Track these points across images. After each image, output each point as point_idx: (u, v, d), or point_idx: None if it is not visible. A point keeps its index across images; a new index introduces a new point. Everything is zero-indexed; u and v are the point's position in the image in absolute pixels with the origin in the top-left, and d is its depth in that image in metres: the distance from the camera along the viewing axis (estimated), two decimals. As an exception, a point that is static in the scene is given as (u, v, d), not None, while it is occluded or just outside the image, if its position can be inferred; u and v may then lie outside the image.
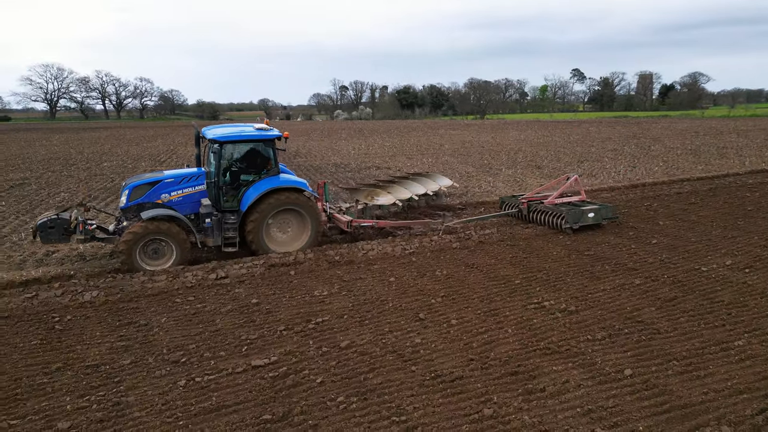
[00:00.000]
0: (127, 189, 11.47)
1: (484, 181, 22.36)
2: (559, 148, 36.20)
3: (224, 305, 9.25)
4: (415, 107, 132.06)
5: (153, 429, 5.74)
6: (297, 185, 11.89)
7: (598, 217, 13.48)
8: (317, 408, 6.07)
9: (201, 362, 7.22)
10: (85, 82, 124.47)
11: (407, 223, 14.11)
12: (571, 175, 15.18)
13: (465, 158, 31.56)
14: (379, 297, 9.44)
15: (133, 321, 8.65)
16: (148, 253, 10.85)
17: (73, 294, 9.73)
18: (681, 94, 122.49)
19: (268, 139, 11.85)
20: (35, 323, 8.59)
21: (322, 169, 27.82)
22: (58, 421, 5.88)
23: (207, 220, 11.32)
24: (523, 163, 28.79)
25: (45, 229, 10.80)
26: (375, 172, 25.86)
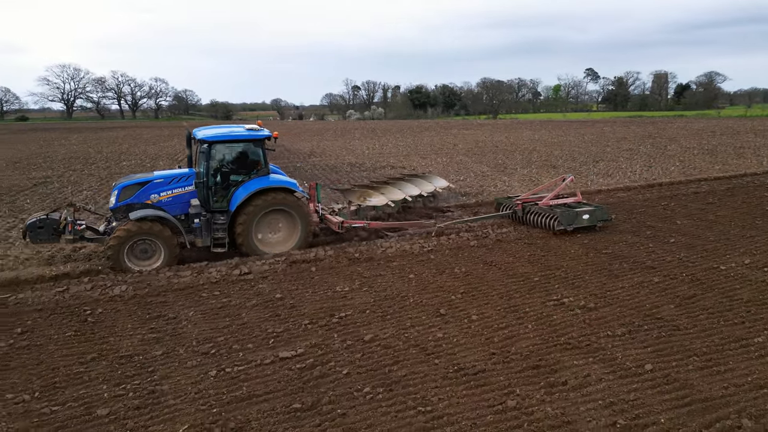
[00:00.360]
0: (117, 189, 11.48)
1: (499, 181, 22.44)
2: (573, 148, 36.10)
3: (249, 300, 9.49)
4: (427, 107, 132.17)
5: (188, 416, 5.97)
6: (287, 185, 11.88)
7: (593, 219, 13.28)
8: (345, 398, 6.27)
9: (230, 354, 7.46)
10: (101, 83, 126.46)
11: (400, 224, 13.96)
12: (567, 176, 15.00)
13: (479, 158, 31.63)
14: (399, 293, 9.62)
15: (162, 314, 8.93)
16: (137, 254, 10.89)
17: (103, 288, 10.05)
18: (696, 94, 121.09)
19: (257, 140, 11.87)
20: (68, 315, 8.91)
21: (338, 168, 28.06)
22: (96, 408, 6.14)
23: (196, 220, 11.36)
24: (537, 162, 28.78)
25: (34, 229, 10.90)
26: (390, 172, 26.03)
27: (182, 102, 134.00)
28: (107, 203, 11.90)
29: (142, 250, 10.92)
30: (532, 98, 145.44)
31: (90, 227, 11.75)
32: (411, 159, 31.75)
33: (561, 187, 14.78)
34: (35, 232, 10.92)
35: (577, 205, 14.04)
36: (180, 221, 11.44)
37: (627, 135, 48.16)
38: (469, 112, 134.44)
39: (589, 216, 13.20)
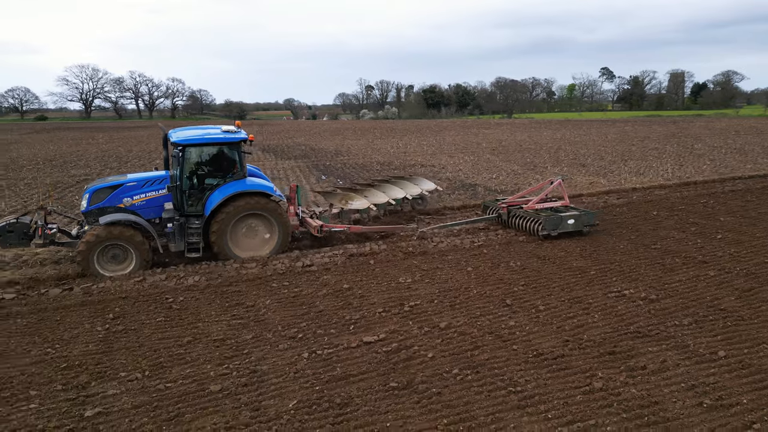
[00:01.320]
0: (88, 193, 11.18)
1: (533, 179, 22.73)
2: (598, 147, 36.23)
3: (319, 290, 9.96)
4: (441, 107, 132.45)
5: (293, 392, 6.44)
6: (263, 189, 11.57)
7: (579, 224, 12.97)
8: (436, 378, 6.69)
9: (316, 338, 7.92)
10: (119, 83, 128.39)
11: (380, 228, 13.63)
12: (555, 178, 14.65)
13: (506, 156, 31.91)
14: (461, 285, 10.03)
15: (240, 302, 9.42)
16: (107, 259, 10.68)
17: (177, 278, 10.59)
18: (714, 93, 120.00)
19: (233, 142, 11.51)
20: (153, 303, 9.44)
21: (368, 167, 28.50)
22: (208, 385, 6.63)
23: (169, 224, 11.10)
24: (565, 161, 29.01)
25: (4, 233, 10.72)
26: (420, 170, 26.45)
27: (197, 102, 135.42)
28: (47, 208, 11.59)
29: (113, 255, 10.68)
30: (547, 98, 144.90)
31: (62, 230, 11.59)
32: (438, 158, 32.11)
33: (548, 191, 14.38)
34: (5, 236, 10.74)
35: (564, 209, 13.70)
36: (154, 225, 11.19)
37: (649, 134, 48.08)
38: (484, 112, 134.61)
39: (574, 221, 12.91)
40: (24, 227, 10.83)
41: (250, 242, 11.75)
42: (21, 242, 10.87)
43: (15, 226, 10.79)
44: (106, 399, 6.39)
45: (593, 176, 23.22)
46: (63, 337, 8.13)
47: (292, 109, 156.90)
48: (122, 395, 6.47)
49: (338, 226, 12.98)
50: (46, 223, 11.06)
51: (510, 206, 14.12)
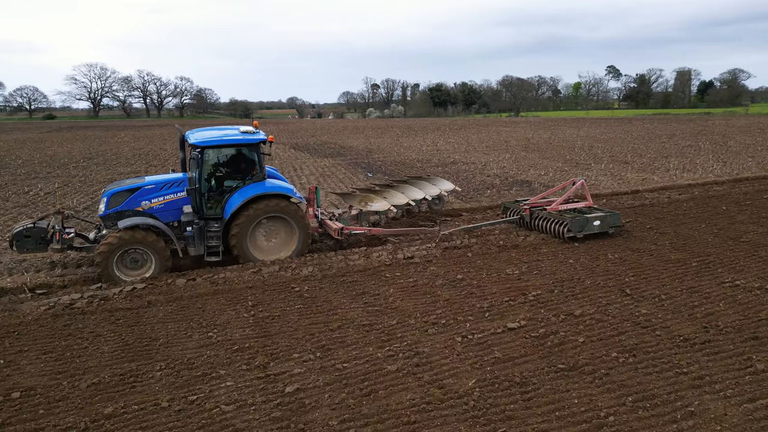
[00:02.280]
0: (106, 196, 11.04)
1: (588, 175, 23.09)
2: (629, 144, 36.59)
3: (433, 280, 10.35)
4: (448, 105, 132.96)
5: (468, 372, 6.83)
6: (283, 191, 11.46)
7: (604, 225, 12.87)
8: (598, 361, 7.08)
9: (458, 324, 8.31)
10: (127, 81, 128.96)
11: (402, 231, 13.46)
12: (578, 179, 14.37)
13: (542, 154, 32.28)
14: (570, 276, 10.41)
15: (364, 291, 9.82)
16: (127, 263, 10.48)
17: (291, 270, 10.99)
18: (721, 91, 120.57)
19: (252, 143, 11.35)
20: (281, 292, 9.85)
21: (408, 164, 28.90)
22: (382, 365, 7.03)
23: (188, 228, 10.92)
24: (605, 158, 29.37)
25: (21, 238, 10.55)
26: (461, 167, 26.85)
27: (202, 101, 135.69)
28: (64, 212, 11.42)
29: (132, 259, 10.49)
30: (552, 96, 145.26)
31: (80, 235, 11.45)
32: (473, 155, 32.49)
33: (571, 191, 14.08)
34: (22, 241, 10.57)
35: (588, 211, 13.56)
36: (172, 228, 11.00)
37: (674, 132, 48.44)
38: (490, 111, 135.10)
39: (600, 222, 12.80)
40: (41, 232, 10.67)
41: (270, 245, 11.58)
42: (38, 247, 10.70)
43: (32, 231, 10.63)
44: (295, 377, 6.79)
45: (641, 173, 23.60)
46: (216, 323, 8.54)
47: (297, 107, 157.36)
48: (308, 374, 6.87)
49: (359, 228, 12.82)
50: (63, 227, 10.88)
51: (532, 207, 13.98)
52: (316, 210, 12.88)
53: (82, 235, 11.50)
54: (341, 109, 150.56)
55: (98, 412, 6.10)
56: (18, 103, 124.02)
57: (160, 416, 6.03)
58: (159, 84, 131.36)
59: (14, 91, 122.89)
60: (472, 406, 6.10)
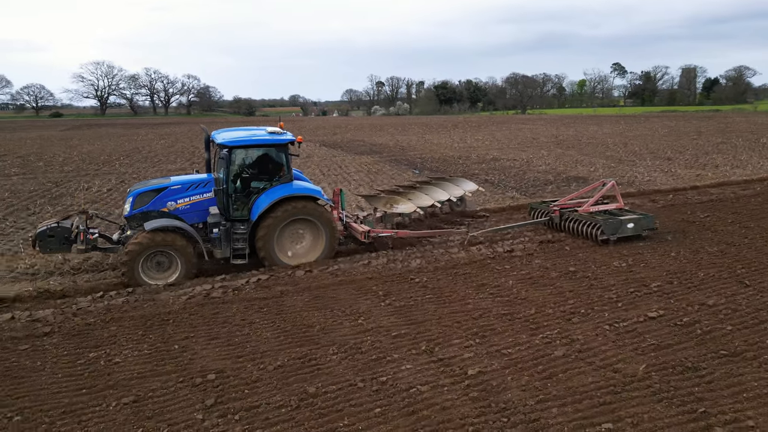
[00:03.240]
0: (131, 196, 10.93)
1: (636, 172, 23.42)
2: (659, 141, 36.90)
3: (547, 272, 10.65)
4: (453, 103, 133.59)
5: (632, 358, 7.11)
6: (311, 193, 11.34)
7: (638, 228, 12.62)
8: (756, 347, 7.33)
9: (597, 314, 8.60)
10: (134, 79, 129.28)
11: (430, 233, 13.31)
12: (608, 180, 14.15)
13: (579, 150, 32.58)
14: (681, 269, 10.57)
15: (483, 282, 10.13)
16: (152, 266, 10.28)
17: (401, 262, 11.32)
18: (726, 88, 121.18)
19: (280, 144, 11.24)
20: (403, 282, 10.22)
21: (449, 161, 29.20)
22: (548, 350, 7.34)
23: (215, 230, 10.73)
24: (644, 154, 29.69)
25: (44, 238, 10.38)
26: (507, 164, 27.17)
27: (204, 98, 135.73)
28: (122, 210, 11.28)
29: (157, 262, 10.29)
30: (557, 93, 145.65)
31: (103, 235, 11.27)
32: (507, 152, 32.80)
33: (602, 192, 13.83)
34: (45, 241, 10.40)
35: (620, 212, 13.35)
36: (198, 230, 10.88)
37: (698, 128, 48.82)
38: (497, 108, 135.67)
39: (634, 224, 12.57)
40: (65, 232, 10.50)
41: (296, 248, 11.43)
42: (62, 247, 10.56)
43: (56, 231, 10.45)
44: (468, 361, 7.09)
45: (689, 169, 23.92)
46: (359, 311, 8.86)
47: (301, 105, 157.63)
48: (478, 358, 7.17)
49: (385, 231, 12.66)
50: (87, 227, 10.72)
51: (562, 209, 13.75)
52: (341, 212, 12.75)
53: (106, 236, 11.33)
54: (345, 107, 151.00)
55: (302, 390, 6.41)
56: (24, 101, 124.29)
57: (361, 395, 6.34)
58: (166, 82, 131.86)
59: (21, 89, 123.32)
60: (657, 388, 6.39)
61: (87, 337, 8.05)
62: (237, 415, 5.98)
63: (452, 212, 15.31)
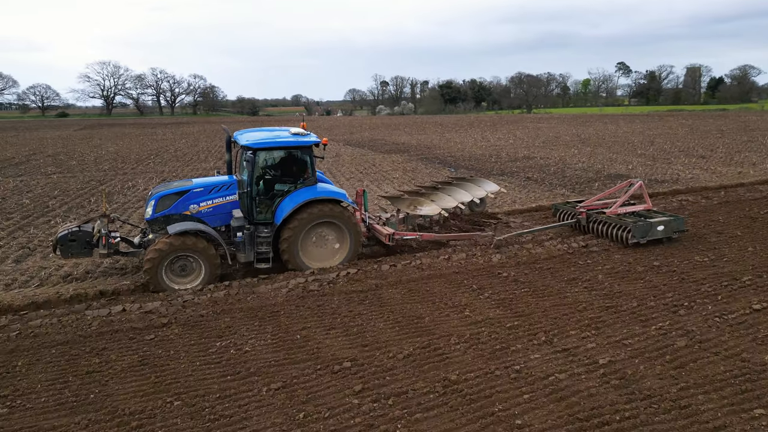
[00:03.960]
0: (153, 199, 10.73)
1: (676, 170, 23.56)
2: (684, 139, 37.03)
3: (632, 266, 10.79)
4: (458, 102, 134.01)
5: (757, 348, 7.28)
6: (336, 196, 11.09)
7: (668, 230, 12.37)
8: None
9: (701, 306, 8.73)
10: (141, 79, 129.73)
11: (455, 236, 12.94)
12: (635, 180, 13.79)
13: (609, 149, 32.71)
14: (762, 263, 10.80)
15: (574, 277, 10.27)
16: (175, 271, 10.02)
17: (481, 257, 11.47)
18: (732, 88, 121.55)
19: (305, 146, 11.02)
20: (491, 277, 10.42)
21: (480, 159, 29.36)
22: (665, 341, 7.49)
23: (239, 233, 10.47)
24: (675, 152, 29.83)
25: (66, 243, 10.21)
26: (540, 162, 27.32)
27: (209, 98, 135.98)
28: (110, 216, 11.00)
29: (180, 266, 10.05)
30: (561, 93, 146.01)
31: (124, 239, 11.14)
32: (535, 150, 32.91)
33: (629, 194, 13.54)
34: (67, 245, 10.22)
35: (648, 214, 13.13)
36: (220, 233, 10.70)
37: (720, 127, 49.01)
38: (502, 107, 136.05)
39: (664, 227, 12.30)
40: (87, 236, 10.35)
41: (320, 251, 11.17)
42: (83, 252, 10.36)
43: (77, 235, 10.28)
44: (596, 350, 7.26)
45: (727, 166, 24.08)
46: (459, 303, 9.07)
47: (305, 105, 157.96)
48: (602, 348, 7.34)
49: (410, 233, 12.38)
50: (109, 231, 10.55)
51: (589, 211, 13.42)
52: (364, 214, 12.46)
53: (127, 240, 11.20)
54: (349, 106, 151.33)
55: (443, 378, 6.59)
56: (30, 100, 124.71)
57: (502, 382, 6.50)
58: (172, 82, 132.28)
59: (27, 89, 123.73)
60: (784, 378, 6.55)
61: (206, 328, 8.24)
62: (390, 400, 6.15)
63: (472, 213, 14.91)
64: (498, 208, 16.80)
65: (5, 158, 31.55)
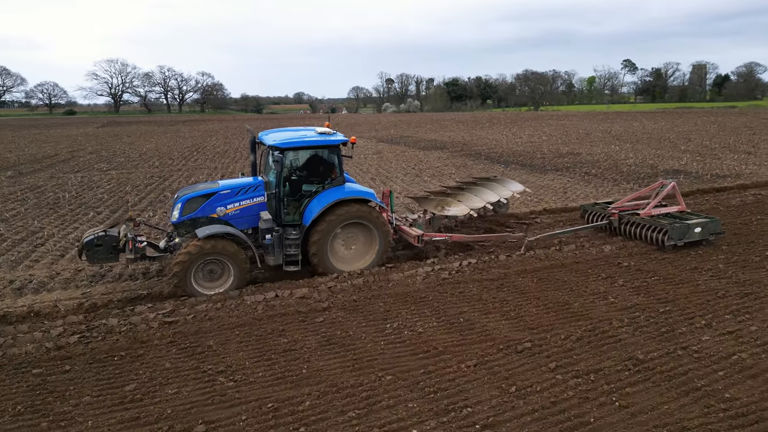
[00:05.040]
0: (180, 202, 10.49)
1: (728, 165, 23.85)
2: (717, 135, 37.34)
3: (747, 257, 11.10)
4: (465, 99, 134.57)
5: None
6: (365, 196, 10.90)
7: (705, 232, 12.13)
8: None
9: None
10: (149, 77, 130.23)
11: (485, 237, 12.57)
12: (668, 181, 13.59)
13: (651, 144, 33.00)
14: None
15: (697, 267, 10.52)
16: (203, 275, 9.82)
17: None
18: (738, 85, 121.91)
19: (333, 145, 10.88)
20: (607, 267, 10.68)
21: (525, 155, 29.66)
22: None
23: (267, 236, 10.30)
24: (718, 149, 30.12)
25: (92, 248, 10.02)
26: (587, 158, 27.61)
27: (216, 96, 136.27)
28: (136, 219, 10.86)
29: (209, 270, 9.84)
30: (566, 90, 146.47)
31: (150, 243, 10.90)
32: (576, 146, 33.20)
33: (663, 195, 13.28)
34: (93, 251, 10.03)
35: (681, 215, 12.89)
36: (247, 236, 10.52)
37: (746, 123, 49.42)
38: (509, 104, 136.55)
39: (701, 229, 12.04)
40: (113, 240, 10.16)
41: (348, 253, 11.00)
42: (109, 257, 10.22)
43: (104, 240, 10.08)
44: (759, 332, 7.54)
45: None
46: (598, 290, 9.38)
47: (311, 103, 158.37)
48: (765, 330, 7.65)
49: (439, 234, 12.13)
50: (135, 235, 10.40)
51: (621, 212, 13.18)
52: (390, 215, 12.20)
53: (153, 244, 10.96)
54: (353, 104, 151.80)
55: (629, 356, 6.94)
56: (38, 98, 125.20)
57: (688, 360, 6.80)
58: (180, 80, 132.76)
59: (35, 87, 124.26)
60: None
61: (366, 311, 8.59)
62: (590, 376, 6.47)
63: (496, 214, 14.67)
64: (573, 202, 17.08)
65: (49, 155, 32.05)
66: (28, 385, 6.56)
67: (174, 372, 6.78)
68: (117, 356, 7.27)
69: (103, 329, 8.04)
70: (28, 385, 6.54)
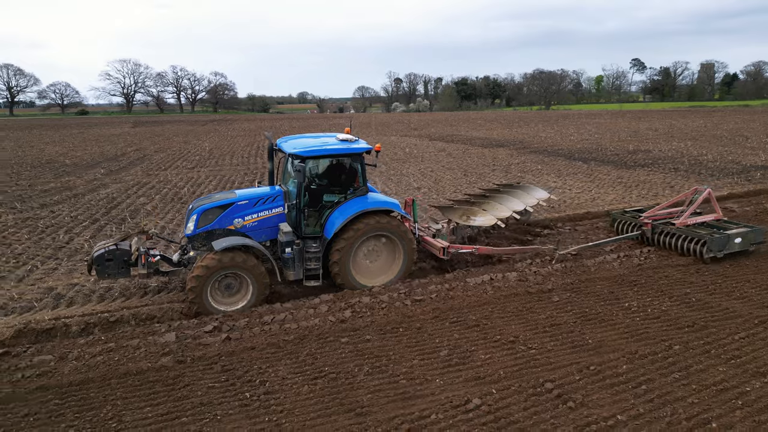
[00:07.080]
0: (195, 214, 10.02)
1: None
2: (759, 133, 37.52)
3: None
4: (475, 99, 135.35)
5: None
6: (389, 207, 10.43)
7: (746, 243, 11.75)
8: None
9: None
10: (161, 77, 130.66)
11: (513, 249, 12.21)
12: (702, 188, 12.95)
13: (712, 142, 33.36)
14: None
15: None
16: (220, 290, 9.42)
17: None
18: (747, 84, 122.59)
19: (356, 153, 10.39)
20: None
21: (592, 152, 30.01)
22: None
23: (287, 249, 9.83)
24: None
25: (102, 262, 9.66)
26: (660, 155, 27.61)
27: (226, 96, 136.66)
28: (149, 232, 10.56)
29: (226, 285, 9.44)
30: (574, 89, 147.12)
31: (164, 257, 10.45)
32: (636, 144, 33.47)
33: (698, 202, 12.80)
34: (103, 265, 9.69)
35: (718, 224, 12.49)
36: (266, 249, 10.06)
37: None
38: (520, 104, 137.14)
39: (741, 239, 11.66)
40: (124, 254, 9.79)
41: (370, 266, 10.58)
42: (121, 272, 9.82)
43: (115, 254, 9.72)
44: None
45: None
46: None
47: (318, 102, 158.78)
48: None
49: (466, 246, 11.67)
50: (147, 249, 10.14)
51: (655, 221, 12.77)
52: (413, 225, 11.65)
53: (166, 258, 10.53)
54: (359, 103, 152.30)
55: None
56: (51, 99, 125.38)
57: None
58: (193, 79, 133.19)
59: (47, 87, 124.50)
60: None
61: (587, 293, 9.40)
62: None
63: (518, 222, 14.01)
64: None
65: (118, 155, 31.95)
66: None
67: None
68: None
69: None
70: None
